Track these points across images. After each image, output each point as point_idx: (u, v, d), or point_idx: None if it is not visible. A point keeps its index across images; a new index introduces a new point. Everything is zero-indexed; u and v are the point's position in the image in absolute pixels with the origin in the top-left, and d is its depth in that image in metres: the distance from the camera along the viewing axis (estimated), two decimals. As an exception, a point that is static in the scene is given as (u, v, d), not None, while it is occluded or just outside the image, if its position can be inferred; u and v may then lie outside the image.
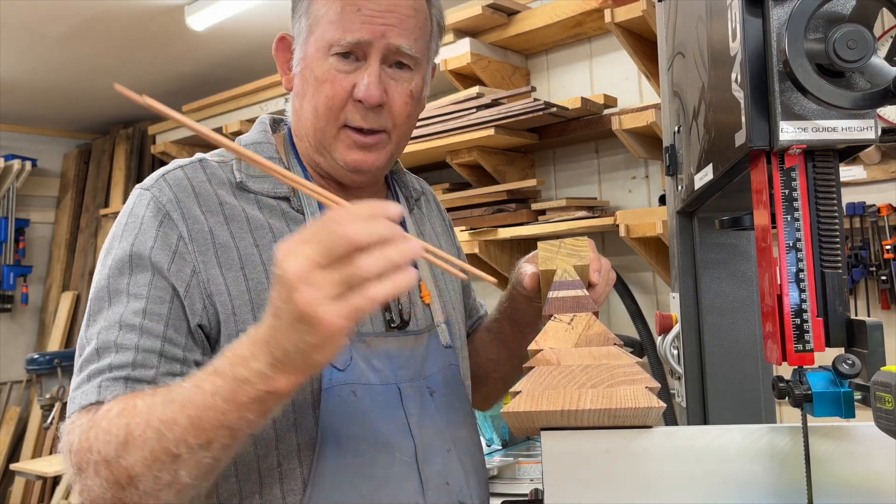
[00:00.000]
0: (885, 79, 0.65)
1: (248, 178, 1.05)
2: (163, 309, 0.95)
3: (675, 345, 1.21)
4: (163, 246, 0.97)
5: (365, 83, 1.01)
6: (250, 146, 1.09)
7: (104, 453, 0.83)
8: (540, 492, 0.92)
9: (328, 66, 1.02)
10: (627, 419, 0.83)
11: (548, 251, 1.07)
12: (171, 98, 4.24)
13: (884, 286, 2.07)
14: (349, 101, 1.02)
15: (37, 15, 3.11)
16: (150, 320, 0.94)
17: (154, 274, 0.96)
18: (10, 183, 4.57)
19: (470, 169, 2.73)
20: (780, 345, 0.73)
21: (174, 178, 1.02)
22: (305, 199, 1.06)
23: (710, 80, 0.88)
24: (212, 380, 0.79)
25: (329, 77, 1.02)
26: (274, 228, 1.03)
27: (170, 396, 0.83)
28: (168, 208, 0.98)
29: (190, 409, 0.79)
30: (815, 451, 0.78)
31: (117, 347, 0.93)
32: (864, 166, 2.07)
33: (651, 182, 2.57)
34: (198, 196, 1.01)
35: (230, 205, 1.02)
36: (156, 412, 0.82)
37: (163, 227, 0.98)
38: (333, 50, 1.02)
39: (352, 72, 1.02)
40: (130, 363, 0.92)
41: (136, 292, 0.95)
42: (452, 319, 1.19)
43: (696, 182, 0.98)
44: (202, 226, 0.99)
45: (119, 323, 0.94)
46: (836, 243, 0.74)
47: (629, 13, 2.20)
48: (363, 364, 1.02)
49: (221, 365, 0.79)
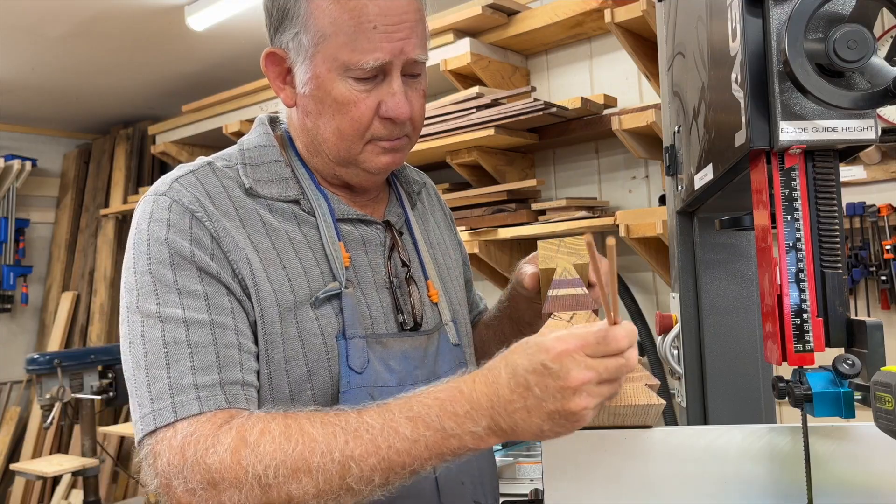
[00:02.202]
0: (885, 79, 0.65)
1: (257, 184, 1.03)
2: (224, 301, 0.93)
3: (675, 345, 1.21)
4: (199, 247, 0.94)
5: (395, 101, 1.00)
6: (254, 149, 1.07)
7: (263, 476, 0.82)
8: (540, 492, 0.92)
9: (347, 87, 1.00)
10: (627, 416, 0.83)
11: (548, 250, 1.07)
12: (171, 98, 4.24)
13: (884, 286, 2.07)
14: (376, 118, 1.02)
15: (37, 15, 3.11)
16: (217, 314, 0.92)
17: (201, 270, 0.93)
18: (10, 183, 4.57)
19: (470, 169, 2.73)
20: (780, 345, 0.73)
21: (188, 181, 0.99)
22: (315, 200, 1.06)
23: (710, 80, 0.88)
24: (412, 426, 0.82)
25: (352, 99, 1.00)
26: (287, 231, 1.02)
27: (353, 429, 0.83)
28: (192, 209, 0.96)
29: (385, 451, 0.82)
30: (815, 451, 0.78)
31: (192, 347, 0.90)
32: (864, 166, 2.07)
33: (651, 182, 2.57)
34: (213, 199, 0.99)
35: (245, 207, 1.01)
36: (338, 444, 0.82)
37: (193, 228, 0.95)
38: (353, 73, 0.99)
39: (373, 90, 1.01)
40: (215, 363, 0.90)
41: (191, 289, 0.92)
42: (459, 318, 1.19)
43: (696, 182, 0.98)
44: (225, 228, 0.97)
45: (185, 320, 0.91)
46: (836, 243, 0.74)
47: (629, 13, 2.20)
48: (380, 366, 1.02)
49: (423, 412, 0.82)
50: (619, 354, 0.77)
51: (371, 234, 1.09)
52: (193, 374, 0.89)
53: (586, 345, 0.76)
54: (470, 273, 1.40)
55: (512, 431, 0.80)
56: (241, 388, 0.91)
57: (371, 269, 1.07)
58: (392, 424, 0.82)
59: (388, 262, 1.10)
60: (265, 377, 0.97)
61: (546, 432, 0.79)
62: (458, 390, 0.82)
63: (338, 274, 1.02)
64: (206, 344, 0.90)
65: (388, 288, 1.08)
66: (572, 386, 0.75)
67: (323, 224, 1.04)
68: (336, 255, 1.03)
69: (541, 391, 0.77)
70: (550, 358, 0.76)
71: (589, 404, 0.76)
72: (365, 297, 1.05)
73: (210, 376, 0.89)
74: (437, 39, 2.70)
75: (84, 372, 3.63)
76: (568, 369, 0.75)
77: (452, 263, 1.26)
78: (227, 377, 0.90)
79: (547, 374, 0.76)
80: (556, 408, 0.76)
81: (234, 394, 0.90)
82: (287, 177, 1.06)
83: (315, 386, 0.98)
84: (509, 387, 0.79)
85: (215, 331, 0.91)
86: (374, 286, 1.06)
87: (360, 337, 1.01)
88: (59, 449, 4.37)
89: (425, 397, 0.83)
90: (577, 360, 0.76)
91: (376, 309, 1.05)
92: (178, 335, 0.90)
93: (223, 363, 0.91)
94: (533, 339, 0.80)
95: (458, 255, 1.32)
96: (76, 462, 3.53)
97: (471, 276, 1.40)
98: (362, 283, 1.05)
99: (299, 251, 1.01)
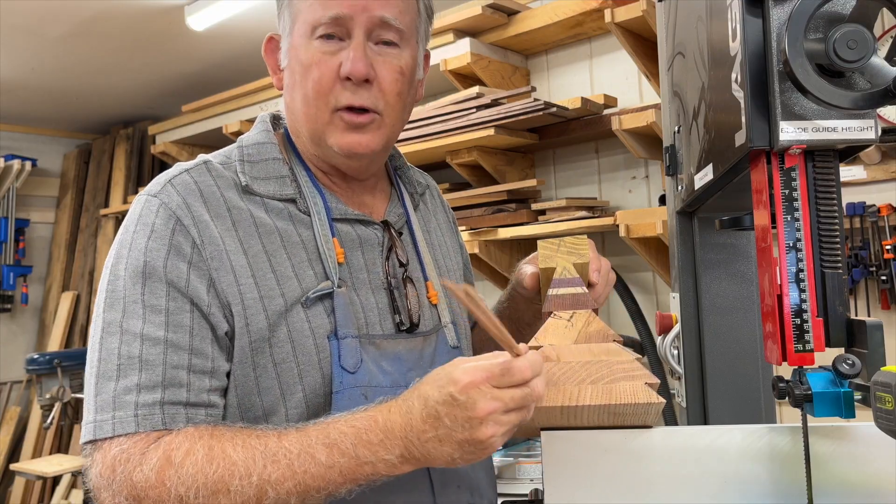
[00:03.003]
0: (885, 79, 0.65)
1: (254, 181, 1.03)
2: (185, 319, 0.94)
3: (675, 345, 1.21)
4: (177, 256, 0.95)
5: (353, 57, 0.99)
6: (253, 146, 1.07)
7: (185, 497, 0.85)
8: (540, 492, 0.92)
9: (313, 49, 1.01)
10: (627, 415, 0.83)
11: (547, 249, 1.07)
12: (171, 98, 4.24)
13: (884, 286, 2.07)
14: (337, 80, 1.00)
15: (37, 15, 3.11)
16: (173, 332, 0.93)
17: (169, 285, 0.94)
18: (10, 183, 4.57)
19: (470, 169, 2.73)
20: (780, 345, 0.73)
21: (181, 182, 1.00)
22: (311, 199, 1.05)
23: (710, 80, 0.88)
24: (328, 453, 0.85)
25: (315, 60, 1.00)
26: (281, 231, 1.02)
27: (270, 454, 0.86)
28: (179, 214, 0.96)
29: (300, 476, 0.85)
30: (815, 451, 0.78)
31: (143, 364, 0.91)
32: (864, 166, 2.07)
33: (651, 182, 2.57)
34: (206, 200, 0.99)
35: (238, 209, 1.00)
36: (256, 468, 0.85)
37: (175, 235, 0.95)
38: (317, 32, 1.00)
39: (337, 52, 1.01)
40: (160, 383, 0.91)
41: (154, 304, 0.93)
42: (459, 320, 1.18)
43: (696, 182, 0.98)
44: (213, 231, 0.97)
45: (141, 335, 0.92)
46: (836, 243, 0.74)
47: (629, 13, 2.20)
48: (373, 366, 1.02)
49: (339, 439, 0.85)
50: (524, 384, 0.80)
51: (368, 235, 1.09)
52: (137, 392, 0.91)
53: (491, 376, 0.80)
54: (471, 276, 1.39)
55: (424, 459, 0.84)
56: (184, 409, 0.93)
57: (367, 269, 1.07)
58: (309, 450, 0.85)
59: (386, 262, 1.09)
60: (251, 383, 0.96)
61: (457, 460, 0.83)
62: (374, 420, 0.85)
63: (330, 273, 1.01)
64: (156, 363, 0.92)
65: (385, 288, 1.07)
66: (479, 416, 0.79)
67: (317, 222, 1.03)
68: (329, 253, 1.02)
69: (450, 421, 0.81)
70: (458, 390, 0.80)
71: (496, 432, 0.80)
72: (359, 297, 1.04)
73: (153, 395, 0.91)
74: (437, 39, 2.70)
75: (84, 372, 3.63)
76: (475, 400, 0.79)
77: (453, 266, 1.26)
78: (169, 397, 0.92)
79: (455, 406, 0.80)
80: (465, 437, 0.81)
81: (174, 414, 0.92)
82: (285, 175, 1.05)
83: (306, 387, 0.98)
84: (421, 417, 0.83)
85: (168, 350, 0.93)
86: (370, 286, 1.06)
87: (353, 337, 1.00)
88: (59, 449, 4.37)
89: (343, 424, 0.86)
90: (483, 392, 0.80)
91: (371, 309, 1.05)
92: (133, 350, 0.92)
93: (168, 383, 0.92)
94: (444, 371, 0.84)
95: (459, 257, 1.31)
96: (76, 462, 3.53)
97: (472, 280, 1.39)
98: (357, 283, 1.05)
99: (292, 252, 1.01)
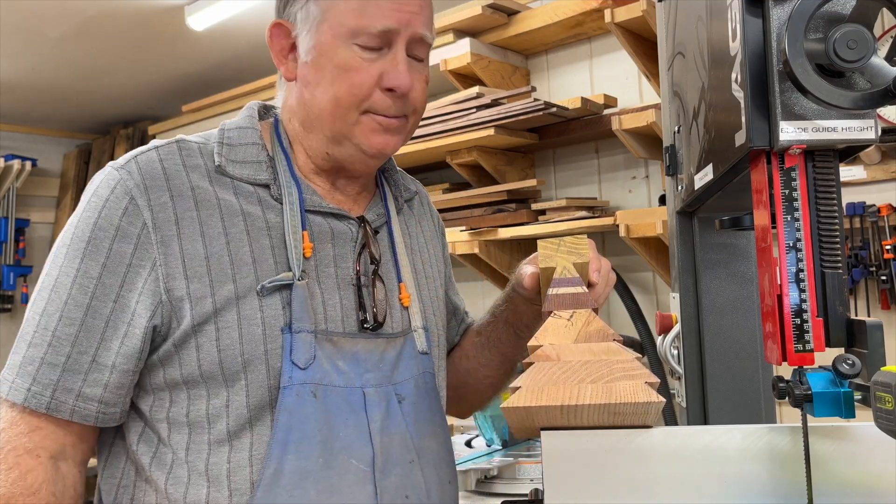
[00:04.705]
0: (885, 79, 0.65)
1: (229, 163, 1.03)
2: (106, 308, 0.95)
3: (675, 345, 1.21)
4: (122, 238, 0.96)
5: (399, 71, 1.01)
6: (235, 130, 1.07)
7: None
8: (540, 492, 0.92)
9: (351, 54, 1.00)
10: (627, 414, 0.83)
11: (547, 249, 1.07)
12: (171, 98, 4.24)
13: (884, 286, 2.07)
14: (376, 89, 1.01)
15: (37, 15, 3.11)
16: (92, 317, 0.95)
17: (104, 267, 0.95)
18: (10, 183, 4.56)
19: (470, 169, 2.73)
20: (780, 345, 0.73)
21: (146, 160, 1.00)
22: (286, 187, 1.04)
23: (710, 80, 0.88)
24: None
25: (354, 65, 1.00)
26: (248, 214, 1.01)
27: None
28: (134, 193, 0.97)
29: None
30: (815, 451, 0.78)
31: (53, 338, 0.95)
32: (864, 166, 2.07)
33: (651, 182, 2.57)
34: (168, 179, 0.99)
35: (202, 189, 1.00)
36: None
37: (126, 214, 0.96)
38: (359, 39, 1.00)
39: (377, 60, 1.01)
40: (62, 364, 0.94)
41: (84, 284, 0.95)
42: (432, 326, 1.16)
43: (696, 182, 0.98)
44: (168, 214, 0.97)
45: (61, 312, 0.95)
46: (836, 243, 0.74)
47: (629, 13, 2.20)
48: (327, 364, 1.00)
49: None
50: None
51: (342, 229, 1.07)
52: (39, 365, 0.95)
53: None
54: (454, 291, 1.36)
55: None
56: (75, 399, 0.95)
57: (335, 264, 1.05)
58: None
59: (358, 258, 1.07)
60: (194, 365, 0.96)
61: None
62: None
63: (293, 264, 1.00)
64: (65, 343, 0.95)
65: (353, 285, 1.06)
66: None
67: (288, 211, 1.02)
68: (296, 244, 1.01)
69: None
70: None
71: None
72: (322, 291, 1.02)
73: (51, 375, 0.94)
74: (437, 39, 2.69)
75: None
76: None
77: (433, 273, 1.23)
78: (63, 383, 0.95)
79: None
80: None
81: (62, 401, 0.95)
82: (262, 160, 1.05)
83: (249, 378, 0.96)
84: None
85: (80, 333, 0.95)
86: (337, 282, 1.04)
87: (308, 332, 0.99)
88: (59, 449, 4.36)
89: None
90: None
91: (334, 305, 1.03)
92: (50, 323, 0.95)
93: (69, 367, 0.95)
94: None
95: (441, 267, 1.29)
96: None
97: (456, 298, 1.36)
98: (323, 277, 1.03)
99: (254, 237, 1.00)
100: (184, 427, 0.98)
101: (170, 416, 0.98)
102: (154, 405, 0.99)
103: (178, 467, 0.97)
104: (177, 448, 0.97)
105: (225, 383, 0.96)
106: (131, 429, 1.01)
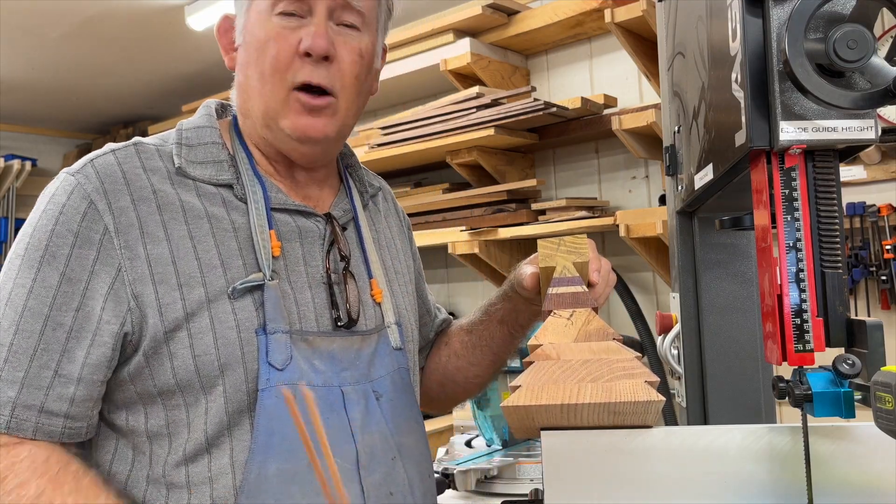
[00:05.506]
0: (885, 79, 0.65)
1: (189, 164, 1.00)
2: (67, 318, 0.91)
3: (675, 345, 1.21)
4: (83, 244, 0.92)
5: (311, 33, 0.98)
6: (192, 130, 1.04)
7: None
8: (540, 492, 0.92)
9: (272, 25, 0.99)
10: (627, 413, 0.83)
11: (547, 249, 1.07)
12: (171, 98, 4.24)
13: (884, 286, 2.07)
14: (296, 57, 0.99)
15: (37, 15, 3.11)
16: (52, 329, 0.90)
17: (63, 276, 0.91)
18: (10, 183, 4.56)
19: (470, 169, 2.73)
20: (780, 345, 0.73)
21: (103, 163, 0.96)
22: (249, 186, 1.02)
23: (710, 80, 0.88)
24: None
25: (273, 34, 0.99)
26: (212, 217, 0.98)
27: None
28: (93, 197, 0.93)
29: None
30: (815, 451, 0.78)
31: (10, 354, 0.89)
32: (864, 166, 2.07)
33: (651, 182, 2.57)
34: (128, 183, 0.95)
35: (164, 192, 0.97)
36: None
37: (86, 219, 0.92)
38: (277, 9, 0.99)
39: (297, 28, 0.99)
40: (20, 380, 0.89)
41: (41, 294, 0.90)
42: (405, 321, 1.14)
43: (696, 182, 0.98)
44: (130, 218, 0.93)
45: (17, 325, 0.90)
46: (836, 243, 0.74)
47: (629, 13, 2.20)
48: (304, 364, 0.98)
49: None
50: None
51: (309, 226, 1.05)
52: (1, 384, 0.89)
53: None
54: (424, 286, 1.35)
55: None
56: (36, 416, 0.90)
57: (305, 262, 1.03)
58: None
59: (327, 256, 1.05)
60: (168, 373, 0.93)
61: None
62: None
63: (262, 264, 0.98)
64: (24, 357, 0.89)
65: (324, 283, 1.04)
66: None
67: (254, 211, 1.00)
68: (264, 244, 0.99)
69: None
70: None
71: None
72: (294, 290, 1.01)
73: (9, 391, 0.89)
74: (437, 39, 2.70)
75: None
76: None
77: (402, 269, 1.22)
78: (23, 399, 0.89)
79: None
80: None
81: (23, 419, 0.89)
82: (223, 160, 1.03)
83: (227, 382, 0.94)
84: None
85: (39, 347, 0.90)
86: (308, 280, 1.03)
87: (283, 332, 0.97)
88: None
89: None
90: None
91: (306, 304, 1.01)
92: (6, 337, 0.90)
93: (29, 382, 0.89)
94: None
95: (410, 262, 1.28)
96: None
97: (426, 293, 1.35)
98: (293, 276, 1.01)
99: (220, 240, 0.98)
100: (163, 438, 0.95)
101: (148, 428, 0.95)
102: (129, 419, 0.96)
103: (155, 481, 0.94)
104: (154, 461, 0.95)
105: (202, 390, 0.94)
106: (102, 447, 0.98)
